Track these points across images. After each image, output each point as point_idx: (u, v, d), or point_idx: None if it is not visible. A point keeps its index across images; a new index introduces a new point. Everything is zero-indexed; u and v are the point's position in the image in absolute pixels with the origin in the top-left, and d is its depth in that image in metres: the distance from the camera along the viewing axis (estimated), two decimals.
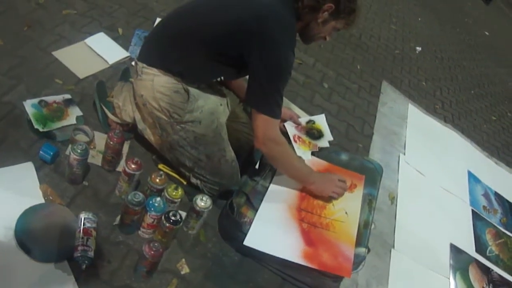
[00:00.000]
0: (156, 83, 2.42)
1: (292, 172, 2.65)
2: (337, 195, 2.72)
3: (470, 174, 4.43)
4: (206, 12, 2.38)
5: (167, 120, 2.47)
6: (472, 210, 3.97)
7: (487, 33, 10.12)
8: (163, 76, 2.41)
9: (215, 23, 2.31)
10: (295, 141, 3.00)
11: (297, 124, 3.08)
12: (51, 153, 2.45)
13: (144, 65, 2.45)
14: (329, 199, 2.72)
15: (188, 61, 2.40)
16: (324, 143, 3.03)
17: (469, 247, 3.59)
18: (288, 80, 2.39)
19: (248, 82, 2.34)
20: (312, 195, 2.72)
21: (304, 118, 3.14)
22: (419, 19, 8.02)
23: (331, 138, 3.08)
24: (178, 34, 2.41)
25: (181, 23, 2.44)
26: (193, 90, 2.45)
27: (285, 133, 2.99)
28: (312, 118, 3.20)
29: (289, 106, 3.71)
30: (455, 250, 3.45)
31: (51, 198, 2.33)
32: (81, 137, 2.62)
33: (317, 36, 2.51)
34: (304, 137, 3.05)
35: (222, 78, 2.53)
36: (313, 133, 3.07)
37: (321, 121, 3.18)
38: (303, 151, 2.92)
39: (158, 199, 2.29)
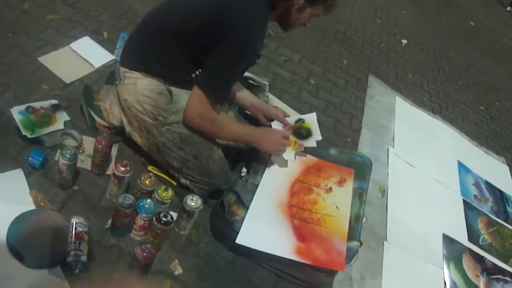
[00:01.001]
0: (139, 86, 2.43)
1: (231, 137, 2.67)
2: (280, 151, 2.75)
3: (460, 164, 4.46)
4: (179, 9, 2.40)
5: (152, 123, 2.48)
6: (464, 200, 4.01)
7: (472, 23, 10.16)
8: (145, 79, 2.43)
9: (188, 19, 2.32)
10: None
11: (284, 123, 3.03)
12: (40, 159, 2.45)
13: (126, 69, 2.47)
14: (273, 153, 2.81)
15: (166, 59, 2.42)
16: (311, 142, 2.99)
17: (461, 236, 3.62)
18: (246, 69, 2.47)
19: (206, 63, 2.35)
20: (303, 192, 2.73)
21: (293, 117, 3.12)
22: (404, 11, 8.04)
23: (320, 138, 3.04)
24: (154, 34, 2.43)
25: (156, 24, 2.46)
26: (176, 90, 2.47)
27: None
28: (303, 116, 3.16)
29: (276, 104, 3.74)
30: (448, 240, 3.48)
31: (41, 204, 2.33)
32: (69, 142, 2.61)
33: (295, 23, 2.49)
34: (290, 136, 3.03)
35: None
36: (301, 132, 3.03)
37: (311, 120, 3.15)
38: (287, 151, 2.90)
39: (149, 200, 2.29)
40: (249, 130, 2.71)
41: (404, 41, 6.76)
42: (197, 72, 2.55)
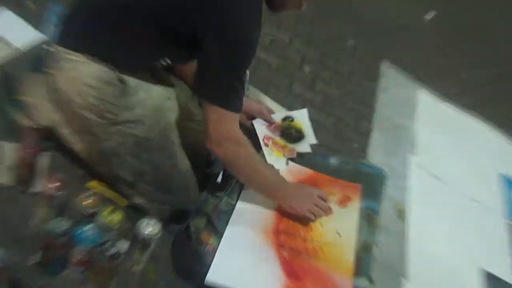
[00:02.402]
0: (82, 73, 2.42)
1: (257, 181, 2.67)
2: (314, 216, 2.74)
3: (504, 178, 4.48)
4: None
5: (97, 121, 2.48)
6: (509, 224, 4.03)
7: None
8: (91, 64, 2.42)
9: None
10: (265, 144, 3.02)
11: (269, 122, 3.07)
12: None
13: (65, 50, 2.44)
14: (305, 219, 2.75)
15: (123, 41, 2.41)
16: (304, 147, 3.01)
17: (507, 272, 3.63)
18: (251, 64, 2.42)
19: (198, 66, 2.35)
20: (293, 214, 2.75)
21: (279, 114, 3.13)
22: None
23: (315, 141, 3.06)
24: (108, 7, 2.41)
25: None
26: (130, 80, 2.47)
27: (253, 134, 3.03)
28: (291, 113, 3.19)
29: (259, 98, 3.75)
30: (489, 278, 3.49)
31: None
32: None
33: (289, 2, 2.49)
34: (277, 139, 3.04)
35: (169, 61, 2.55)
36: (291, 134, 3.05)
37: (302, 117, 3.17)
38: (275, 158, 2.93)
39: (89, 226, 2.31)
40: (281, 178, 2.75)
41: (431, 14, 6.76)
42: (162, 62, 2.56)
